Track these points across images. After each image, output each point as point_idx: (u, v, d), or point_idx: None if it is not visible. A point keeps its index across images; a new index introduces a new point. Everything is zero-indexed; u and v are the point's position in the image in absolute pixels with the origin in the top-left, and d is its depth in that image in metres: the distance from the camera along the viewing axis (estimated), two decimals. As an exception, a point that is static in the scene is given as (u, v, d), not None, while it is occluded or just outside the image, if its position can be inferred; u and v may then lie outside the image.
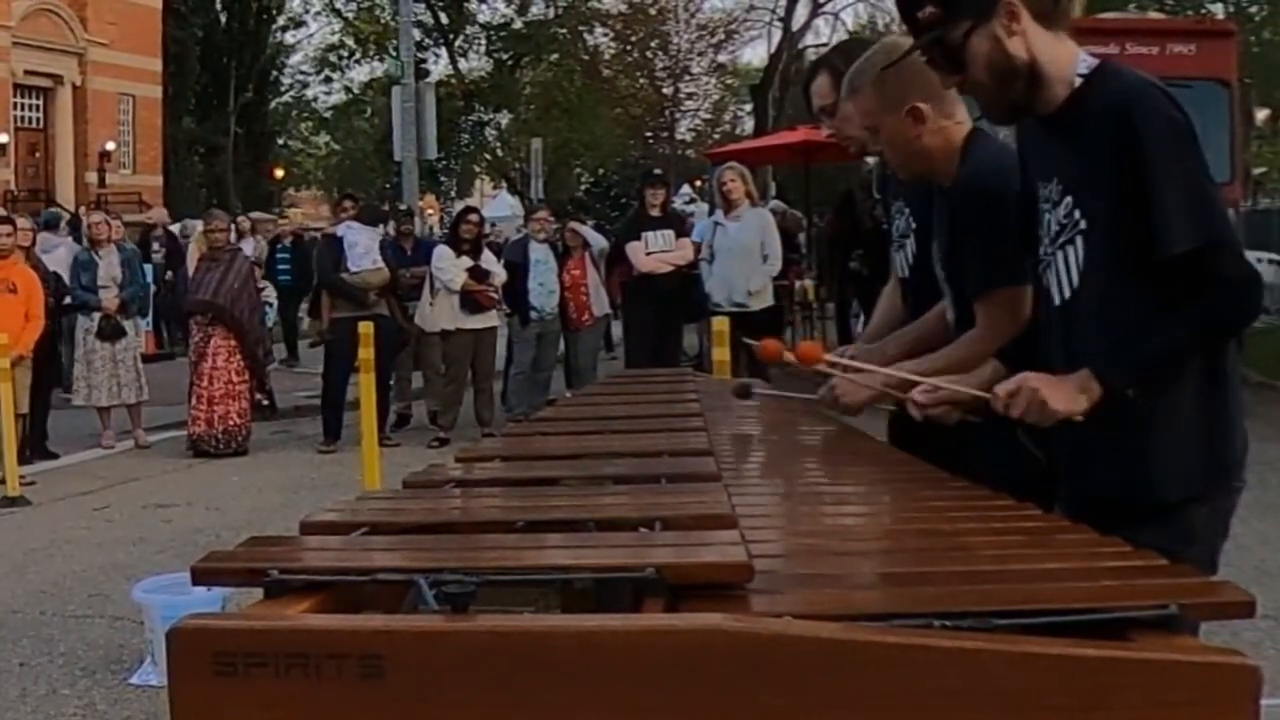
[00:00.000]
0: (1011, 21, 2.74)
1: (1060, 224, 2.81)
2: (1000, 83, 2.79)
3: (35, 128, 40.98)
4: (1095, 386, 2.68)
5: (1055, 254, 2.83)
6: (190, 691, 1.72)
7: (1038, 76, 2.77)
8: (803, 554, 2.29)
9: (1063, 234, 2.80)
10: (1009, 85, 2.79)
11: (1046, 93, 2.78)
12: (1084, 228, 2.74)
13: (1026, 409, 2.73)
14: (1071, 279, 2.80)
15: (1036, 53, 2.76)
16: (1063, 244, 2.81)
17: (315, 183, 61.99)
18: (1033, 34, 2.75)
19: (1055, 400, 2.69)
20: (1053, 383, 2.72)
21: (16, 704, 5.84)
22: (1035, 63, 2.76)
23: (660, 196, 13.17)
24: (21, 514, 10.06)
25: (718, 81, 48.75)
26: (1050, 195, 2.84)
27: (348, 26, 49.09)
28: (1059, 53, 2.78)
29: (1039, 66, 2.76)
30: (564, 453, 3.30)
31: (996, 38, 2.75)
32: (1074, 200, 2.76)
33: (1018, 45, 2.75)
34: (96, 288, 12.58)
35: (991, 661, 1.61)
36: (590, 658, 1.64)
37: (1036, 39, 2.76)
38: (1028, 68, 2.76)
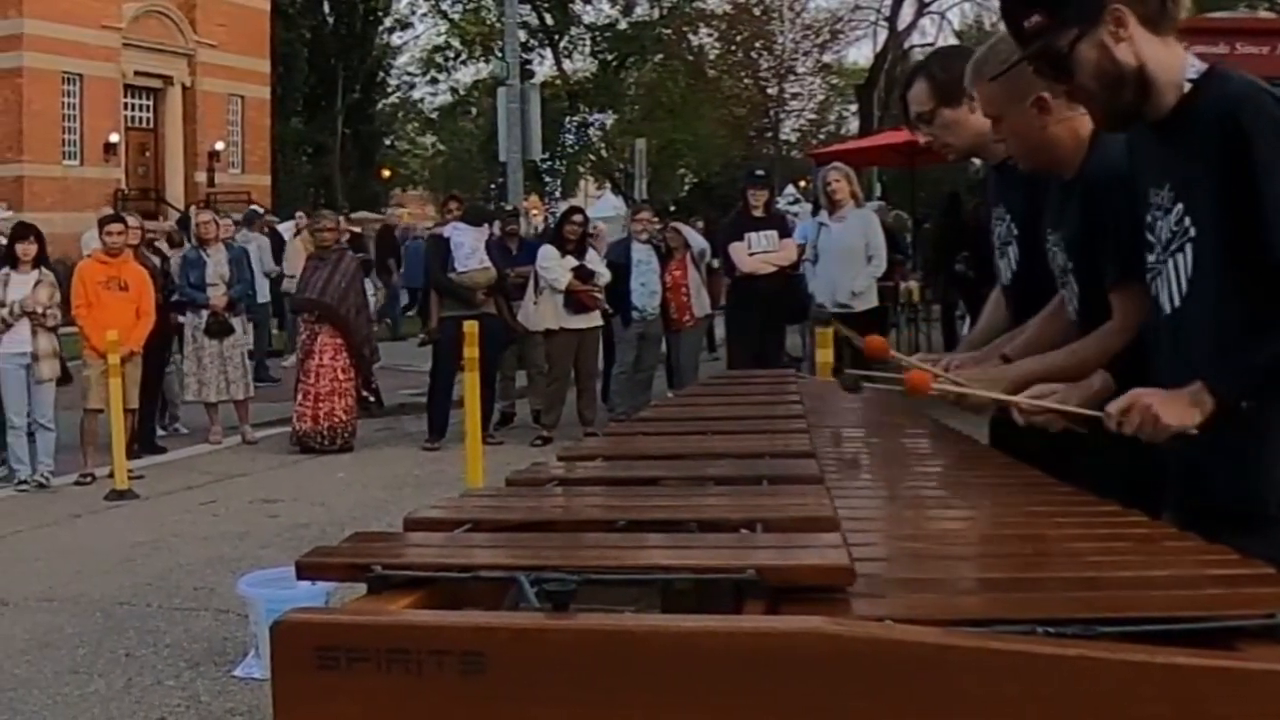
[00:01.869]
0: (1119, 28, 2.69)
1: (1172, 231, 2.76)
2: (1109, 90, 2.74)
3: (145, 128, 41.57)
4: (1208, 399, 2.62)
5: (1166, 261, 2.78)
6: (293, 685, 1.74)
7: (1146, 83, 2.72)
8: (904, 557, 2.28)
9: (1174, 241, 2.75)
10: (1117, 92, 2.74)
11: (1156, 99, 2.73)
12: (1193, 235, 2.69)
13: (1140, 426, 2.67)
14: (1181, 287, 2.75)
15: (1145, 59, 2.70)
16: (1173, 251, 2.76)
17: (421, 183, 62.42)
18: (1140, 40, 2.70)
19: (1168, 415, 2.63)
20: (1165, 397, 2.66)
21: (122, 694, 5.93)
22: (1144, 69, 2.71)
23: (763, 197, 13.10)
24: (129, 507, 10.21)
25: (823, 81, 48.50)
26: (1162, 202, 2.79)
27: (454, 28, 49.42)
28: (1167, 58, 2.73)
29: (1147, 73, 2.71)
30: (665, 453, 3.30)
31: (1104, 45, 2.70)
32: (1184, 207, 2.71)
33: (1125, 52, 2.70)
34: (205, 286, 12.75)
35: (1093, 669, 1.60)
36: (690, 658, 1.64)
37: (1144, 45, 2.71)
38: (1136, 74, 2.71)
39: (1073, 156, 3.30)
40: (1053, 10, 2.74)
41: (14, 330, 10.78)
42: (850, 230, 12.13)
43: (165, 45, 40.97)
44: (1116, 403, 2.73)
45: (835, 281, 12.03)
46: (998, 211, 3.88)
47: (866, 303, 12.10)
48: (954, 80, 3.65)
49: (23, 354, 10.77)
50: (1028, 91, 3.23)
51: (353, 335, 12.56)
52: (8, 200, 34.07)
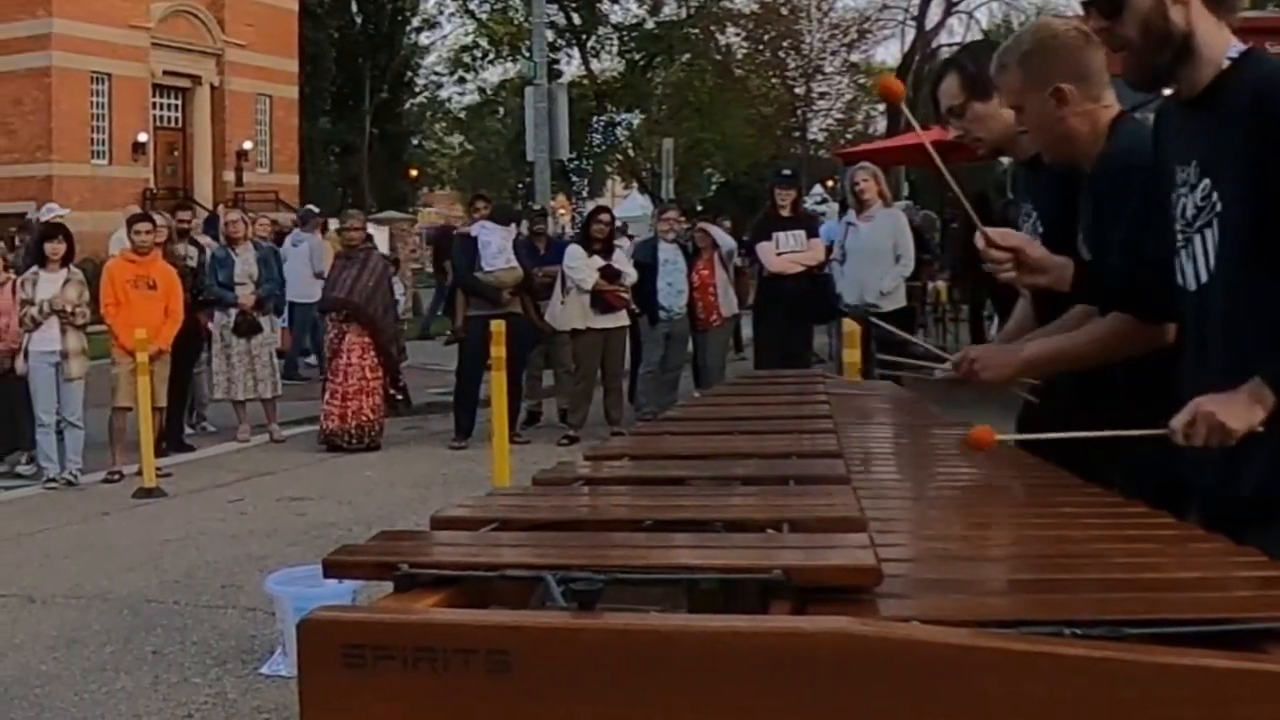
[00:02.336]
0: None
1: (1197, 207, 2.75)
2: (1150, 45, 2.73)
3: (174, 127, 41.73)
4: (1268, 394, 2.60)
5: (1192, 238, 2.77)
6: (319, 682, 1.74)
7: (1188, 51, 2.71)
8: (932, 558, 2.27)
9: (1199, 217, 2.74)
10: (1158, 49, 2.73)
11: (1194, 71, 2.72)
12: (1220, 210, 2.68)
13: (1208, 436, 2.63)
14: (1208, 263, 2.74)
15: (1195, 28, 2.70)
16: (1200, 227, 2.75)
17: (449, 183, 62.52)
18: (1196, 10, 2.70)
19: (1234, 420, 2.60)
20: (1225, 401, 2.63)
21: (149, 691, 5.95)
22: (1190, 37, 2.70)
23: (790, 197, 13.08)
24: (157, 505, 10.26)
25: (850, 81, 48.39)
26: (1188, 178, 2.78)
27: (481, 28, 49.48)
28: (1215, 36, 2.72)
29: (1193, 41, 2.70)
30: (692, 453, 3.30)
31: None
32: (1212, 182, 2.70)
33: (1179, 14, 2.69)
34: (233, 284, 12.79)
35: (1120, 671, 1.59)
36: (716, 658, 1.64)
37: (1198, 16, 2.70)
38: (1181, 39, 2.70)
39: (1090, 149, 3.31)
40: None
41: (43, 329, 10.84)
42: (878, 230, 12.11)
43: (194, 45, 41.13)
44: (1180, 416, 2.68)
45: (863, 281, 12.01)
46: (1025, 209, 3.88)
47: (895, 303, 12.06)
48: (984, 74, 3.66)
49: (52, 352, 10.83)
50: (1047, 81, 3.25)
51: (380, 334, 12.59)
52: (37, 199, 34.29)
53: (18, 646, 6.67)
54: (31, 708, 5.79)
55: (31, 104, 36.79)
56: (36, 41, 36.34)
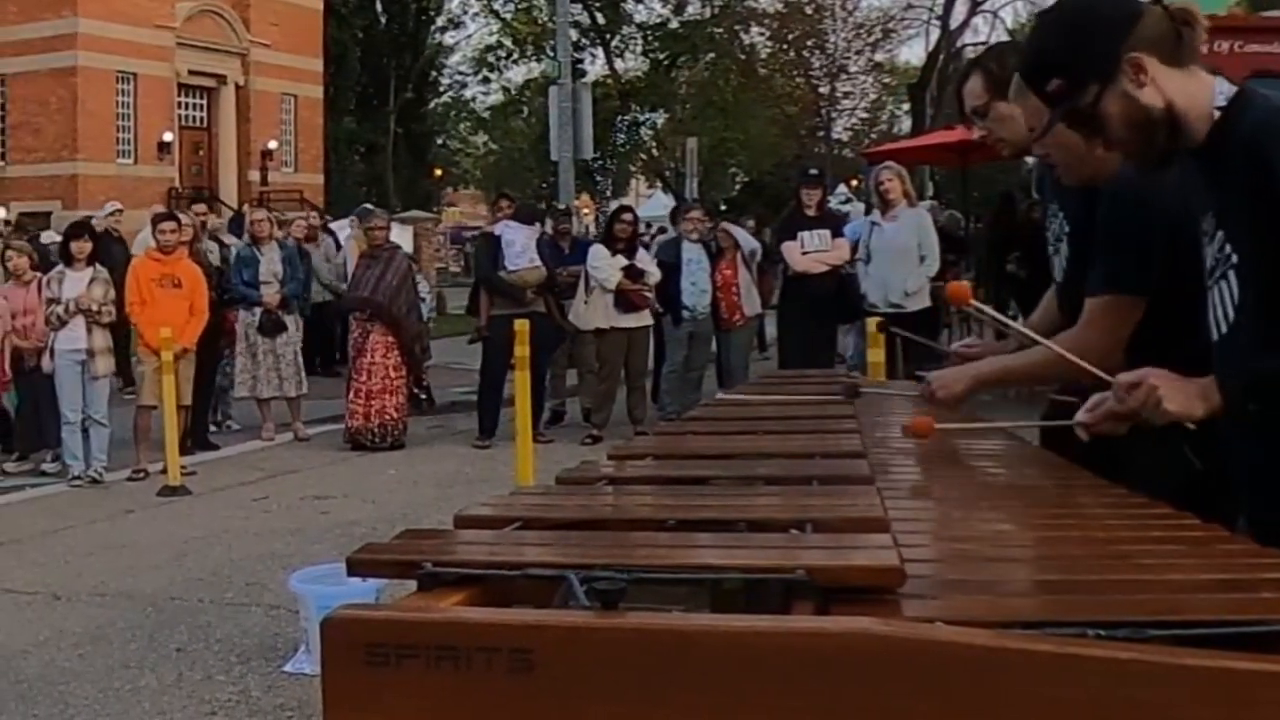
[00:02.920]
0: (1138, 74, 2.66)
1: (1215, 258, 2.74)
2: (1142, 135, 2.71)
3: (199, 127, 41.90)
4: (1215, 396, 2.64)
5: (1213, 289, 2.77)
6: (343, 680, 1.75)
7: (1177, 119, 2.68)
8: (955, 559, 2.27)
9: (1217, 268, 2.73)
10: (1151, 136, 2.71)
11: (1189, 132, 2.70)
12: (1235, 261, 2.67)
13: (1143, 404, 2.69)
14: (1228, 314, 2.73)
15: (1171, 97, 2.67)
16: (1218, 279, 2.74)
17: (473, 182, 62.60)
18: (1163, 78, 2.67)
19: (1172, 401, 2.65)
20: (1175, 383, 2.68)
21: (173, 689, 5.97)
22: (1171, 107, 2.67)
23: (816, 196, 13.06)
24: (182, 503, 10.29)
25: (875, 80, 48.27)
26: (1207, 229, 2.78)
27: (505, 27, 49.54)
28: (1194, 89, 2.69)
29: (1176, 110, 2.68)
30: (715, 452, 3.30)
31: (1127, 94, 2.67)
32: (1225, 234, 2.70)
33: (1150, 95, 2.67)
34: (258, 283, 12.83)
35: (1145, 673, 1.58)
36: (738, 658, 1.64)
37: (1168, 83, 2.67)
38: (1165, 114, 2.68)
39: (1112, 171, 3.29)
40: (1069, 73, 2.73)
41: (69, 327, 10.89)
42: (903, 230, 12.08)
43: (219, 44, 41.29)
44: (1127, 375, 2.75)
45: (888, 281, 11.97)
46: (1051, 209, 3.87)
47: (919, 303, 12.02)
48: (1009, 74, 3.64)
49: (78, 350, 10.88)
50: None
51: (404, 333, 12.62)
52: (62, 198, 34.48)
53: (42, 644, 6.70)
54: (56, 704, 5.81)
55: (57, 103, 36.98)
56: (62, 41, 36.53)
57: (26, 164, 37.29)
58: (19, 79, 37.38)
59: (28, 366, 11.41)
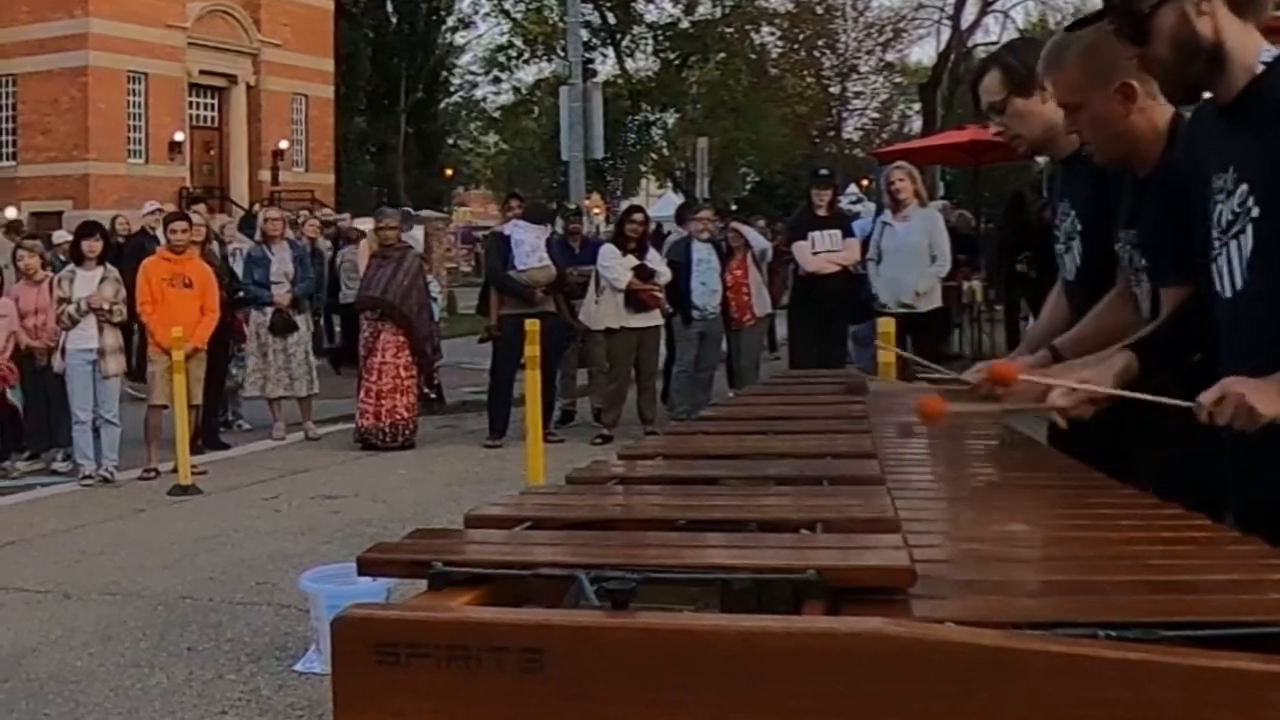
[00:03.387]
0: (1203, 0, 2.67)
1: (1234, 213, 2.72)
2: (1181, 60, 2.72)
3: (210, 126, 41.97)
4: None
5: (1227, 244, 2.75)
6: (353, 680, 1.75)
7: (1220, 59, 2.69)
8: (966, 559, 2.26)
9: (1235, 223, 2.71)
10: (1189, 64, 2.71)
11: (1227, 78, 2.70)
12: (1255, 215, 2.66)
13: (1234, 417, 2.60)
14: (1243, 269, 2.71)
15: (1223, 36, 2.68)
16: (1235, 234, 2.72)
17: (484, 182, 62.65)
18: (1222, 17, 2.68)
19: (1263, 404, 2.57)
20: (1257, 386, 2.60)
21: (183, 687, 5.98)
22: (1220, 45, 2.68)
23: (827, 197, 13.06)
24: (193, 502, 10.30)
25: (886, 80, 48.37)
26: (1224, 185, 2.75)
27: (516, 27, 49.57)
28: (1245, 41, 2.70)
29: (1223, 49, 2.68)
30: (726, 452, 3.30)
31: (1185, 14, 2.68)
32: (1248, 188, 2.68)
33: (1205, 25, 2.68)
34: (269, 283, 12.85)
35: (1155, 673, 1.58)
36: (749, 658, 1.64)
37: (1225, 22, 2.68)
38: (1211, 49, 2.68)
39: (1149, 149, 3.25)
40: None
41: (80, 327, 10.90)
42: (914, 230, 12.06)
43: (230, 44, 41.36)
44: (1209, 393, 2.65)
45: (899, 281, 11.96)
46: (1062, 207, 3.86)
47: (930, 303, 12.02)
48: (1027, 70, 3.63)
49: (89, 350, 10.89)
50: (1112, 77, 3.17)
51: (415, 333, 12.62)
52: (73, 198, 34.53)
53: (53, 642, 6.71)
54: (67, 703, 5.82)
55: (68, 103, 37.06)
56: (74, 41, 36.60)
57: (38, 164, 37.36)
58: (30, 79, 37.45)
59: (39, 366, 11.44)
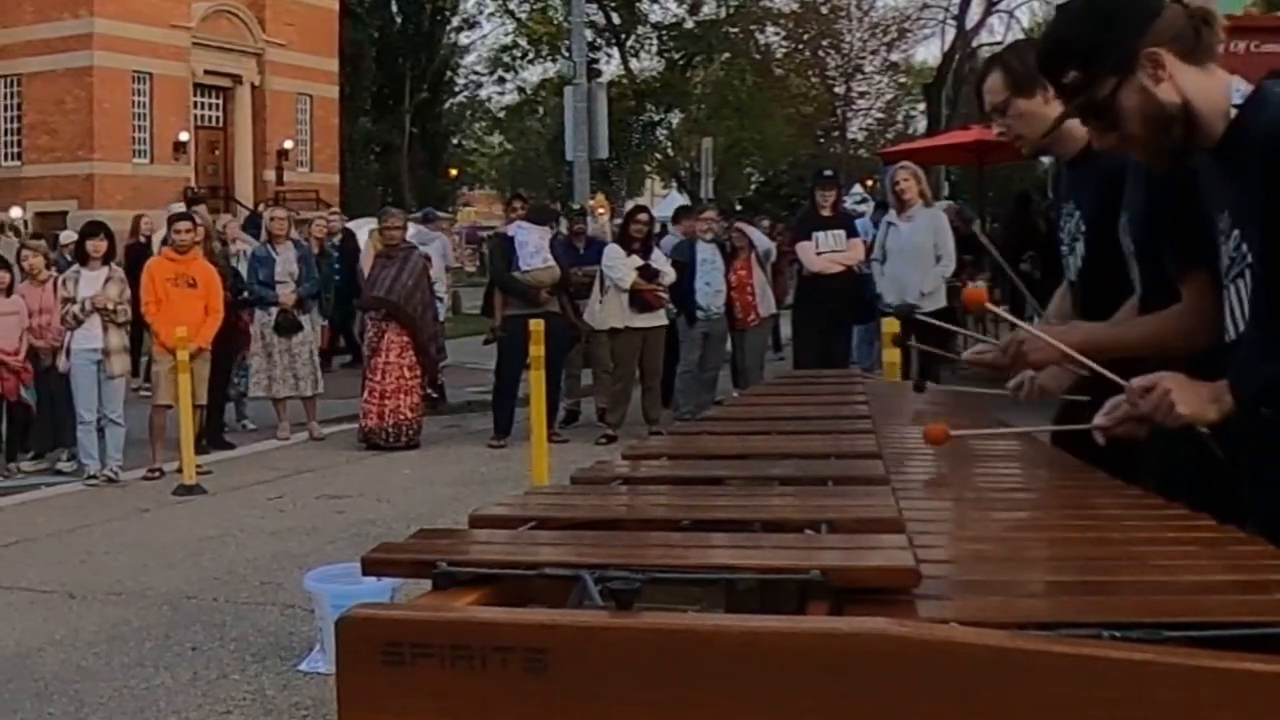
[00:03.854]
0: (1157, 69, 2.65)
1: (1230, 257, 2.73)
2: (1156, 131, 2.70)
3: (215, 126, 41.99)
4: (1228, 399, 2.63)
5: (1228, 288, 2.76)
6: (358, 679, 1.75)
7: (1192, 117, 2.67)
8: (970, 560, 2.26)
9: (1233, 268, 2.72)
10: (1165, 132, 2.70)
11: (1204, 130, 2.69)
12: (1250, 261, 2.66)
13: (1155, 408, 2.68)
14: (1243, 313, 2.72)
15: (1188, 93, 2.66)
16: (1234, 278, 2.73)
17: (489, 182, 62.67)
18: (1180, 75, 2.66)
19: (1185, 405, 2.64)
20: (1188, 386, 2.66)
21: (188, 687, 5.98)
22: (1188, 104, 2.66)
23: (831, 197, 13.08)
24: (197, 502, 10.31)
25: (890, 80, 48.28)
26: (1222, 228, 2.76)
27: (521, 27, 49.63)
28: (1210, 86, 2.69)
29: (1192, 107, 2.67)
30: (730, 452, 3.30)
31: (1144, 88, 2.67)
32: (1240, 233, 2.68)
33: (1167, 90, 2.66)
34: (274, 283, 12.85)
35: (1160, 674, 1.58)
36: (753, 658, 1.64)
37: (1185, 79, 2.66)
38: (1181, 111, 2.67)
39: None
40: (1087, 64, 2.72)
41: (85, 327, 10.91)
42: (919, 230, 12.06)
43: (234, 44, 41.38)
44: (1140, 379, 2.72)
45: (903, 281, 11.96)
46: (1067, 207, 3.87)
47: (935, 303, 12.00)
48: (1029, 71, 3.64)
49: (94, 350, 10.90)
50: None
51: (419, 333, 12.62)
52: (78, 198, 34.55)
53: (58, 642, 6.71)
54: (71, 703, 5.83)
55: (73, 103, 37.07)
56: (78, 41, 36.63)
57: (43, 164, 37.38)
58: (35, 79, 37.47)
59: (43, 366, 11.45)
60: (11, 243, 15.97)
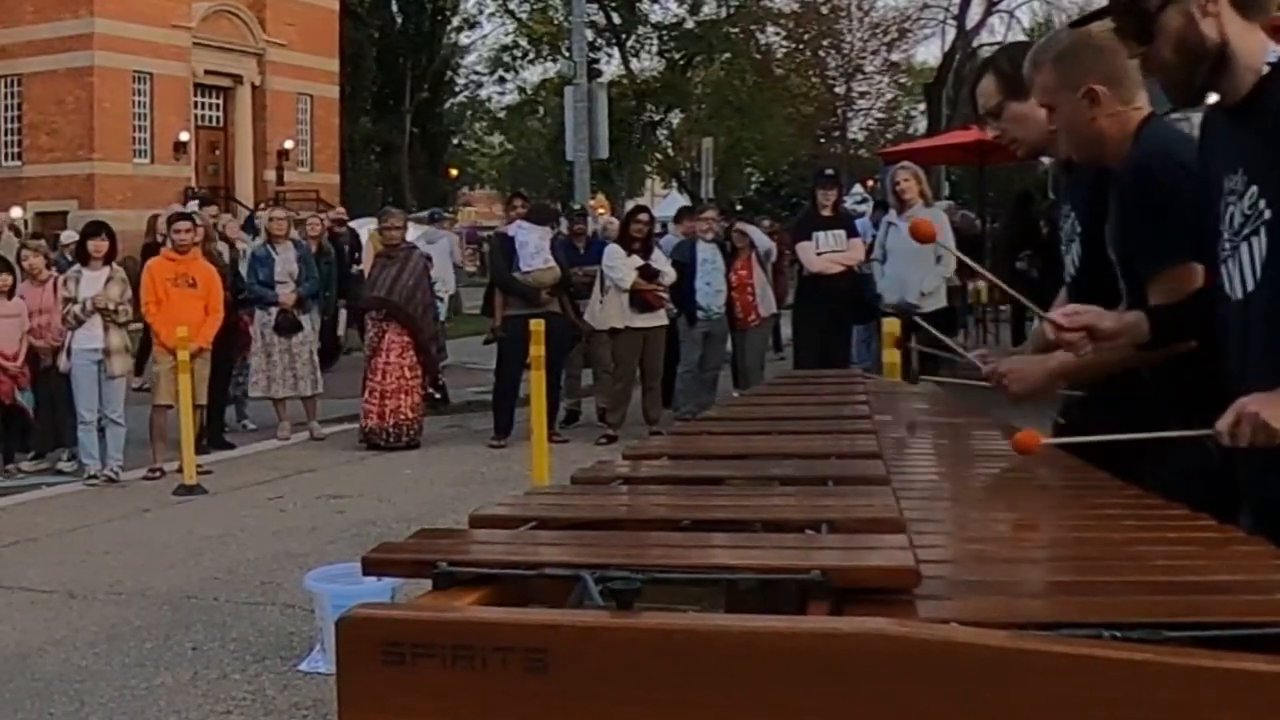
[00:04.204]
0: (1208, 2, 2.66)
1: (1245, 215, 2.71)
2: (1186, 61, 2.70)
3: (215, 126, 42.02)
4: None
5: (1239, 246, 2.73)
6: (358, 679, 1.75)
7: (1225, 61, 2.67)
8: (970, 560, 2.26)
9: (1247, 225, 2.70)
10: (1194, 65, 2.70)
11: (1233, 79, 2.69)
12: (1268, 218, 2.64)
13: (1254, 435, 2.59)
14: (1255, 271, 2.70)
15: (1228, 37, 2.66)
16: (1247, 236, 2.70)
17: (489, 182, 62.70)
18: (1228, 18, 2.66)
19: (1278, 418, 2.55)
20: (1269, 400, 2.58)
21: (188, 687, 5.99)
22: (1225, 47, 2.66)
23: (832, 197, 13.09)
24: (198, 502, 10.31)
25: (891, 80, 48.28)
26: (1235, 187, 2.74)
27: (521, 27, 49.65)
28: (1250, 41, 2.68)
29: (1229, 50, 2.66)
30: (731, 452, 3.29)
31: (1190, 15, 2.67)
32: (1259, 190, 2.66)
33: (1210, 26, 2.66)
34: (274, 283, 12.85)
35: (1161, 674, 1.58)
36: (754, 658, 1.64)
37: (1231, 23, 2.67)
38: (1216, 51, 2.67)
39: (1119, 150, 3.31)
40: None
41: (86, 327, 10.92)
42: (919, 230, 12.05)
43: (235, 44, 41.41)
44: (1225, 418, 2.64)
45: (904, 281, 11.97)
46: (1064, 209, 3.87)
47: (935, 303, 12.02)
48: (1021, 74, 3.64)
49: (95, 350, 10.91)
50: (1080, 81, 3.26)
51: (420, 333, 12.62)
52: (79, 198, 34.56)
53: (59, 642, 6.72)
54: (72, 703, 5.83)
55: (74, 103, 37.10)
56: (79, 41, 36.65)
57: (43, 163, 37.41)
58: (36, 79, 37.50)
59: (44, 366, 11.46)
60: (12, 243, 15.96)
